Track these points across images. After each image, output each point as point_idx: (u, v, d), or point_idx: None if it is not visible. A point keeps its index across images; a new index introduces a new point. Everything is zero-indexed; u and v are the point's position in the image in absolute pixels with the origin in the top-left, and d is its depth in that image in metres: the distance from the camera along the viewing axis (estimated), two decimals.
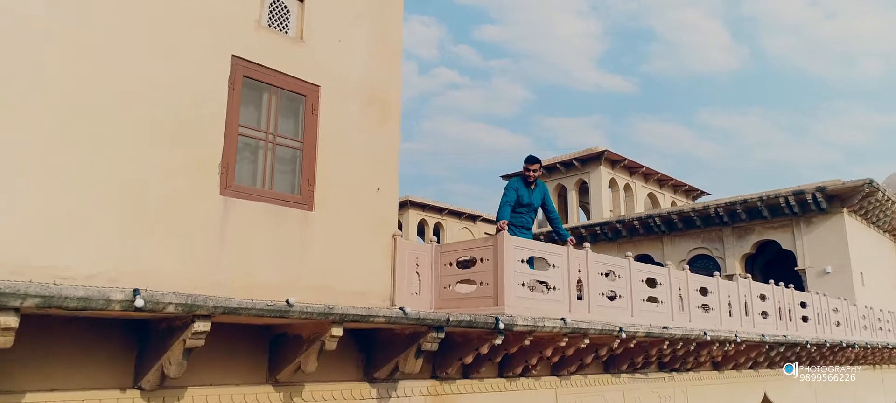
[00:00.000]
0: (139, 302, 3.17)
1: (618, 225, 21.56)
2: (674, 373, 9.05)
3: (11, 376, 3.54)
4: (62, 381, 3.76)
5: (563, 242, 6.29)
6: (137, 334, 4.09)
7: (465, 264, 5.91)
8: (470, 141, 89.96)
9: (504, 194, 6.59)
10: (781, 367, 11.84)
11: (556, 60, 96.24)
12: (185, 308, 3.40)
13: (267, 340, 4.70)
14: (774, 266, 20.04)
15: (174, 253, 4.50)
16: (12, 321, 2.94)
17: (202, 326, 3.55)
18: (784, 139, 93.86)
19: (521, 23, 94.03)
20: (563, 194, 26.20)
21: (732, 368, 10.28)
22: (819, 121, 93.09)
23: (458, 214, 30.16)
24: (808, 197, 17.82)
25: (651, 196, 27.40)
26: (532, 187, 6.66)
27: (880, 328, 15.30)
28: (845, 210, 17.98)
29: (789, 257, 18.96)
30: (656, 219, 21.04)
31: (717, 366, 9.93)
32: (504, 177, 27.11)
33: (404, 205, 27.05)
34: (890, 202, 19.15)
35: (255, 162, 5.21)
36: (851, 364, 15.21)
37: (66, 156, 4.13)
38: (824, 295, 12.61)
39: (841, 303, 13.13)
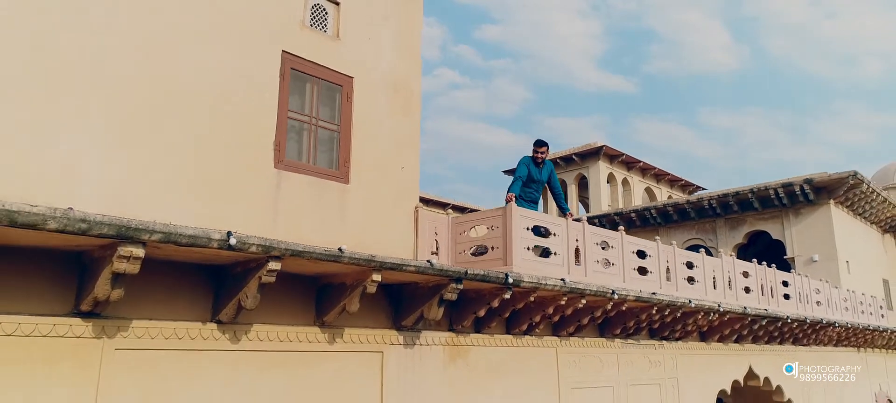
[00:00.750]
0: (233, 241, 4.06)
1: (615, 218, 22.44)
2: (664, 342, 9.95)
3: (125, 305, 4.43)
4: (160, 313, 4.66)
5: (565, 215, 7.20)
6: (213, 279, 4.99)
7: (478, 233, 6.82)
8: (471, 141, 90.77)
9: (516, 170, 7.54)
10: (765, 342, 12.75)
11: (556, 60, 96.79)
12: (264, 248, 4.30)
13: (314, 289, 5.60)
14: (765, 255, 20.87)
15: (238, 215, 5.39)
16: (140, 251, 3.84)
17: (275, 265, 4.45)
18: (785, 139, 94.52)
19: (521, 23, 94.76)
20: (563, 188, 27.11)
21: (718, 340, 11.19)
22: (820, 121, 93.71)
23: (461, 209, 31.01)
24: (797, 188, 18.74)
25: (648, 190, 28.33)
26: (540, 166, 7.60)
27: (862, 311, 16.19)
28: (832, 201, 18.89)
29: (779, 247, 19.86)
30: (652, 212, 21.94)
31: (703, 337, 10.84)
32: (506, 172, 28.08)
33: None
34: (874, 194, 20.06)
35: (300, 141, 6.12)
36: (834, 346, 16.15)
37: (156, 134, 5.04)
38: (806, 276, 13.50)
39: (822, 285, 14.03)
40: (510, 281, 6.02)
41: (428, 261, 5.36)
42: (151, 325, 4.61)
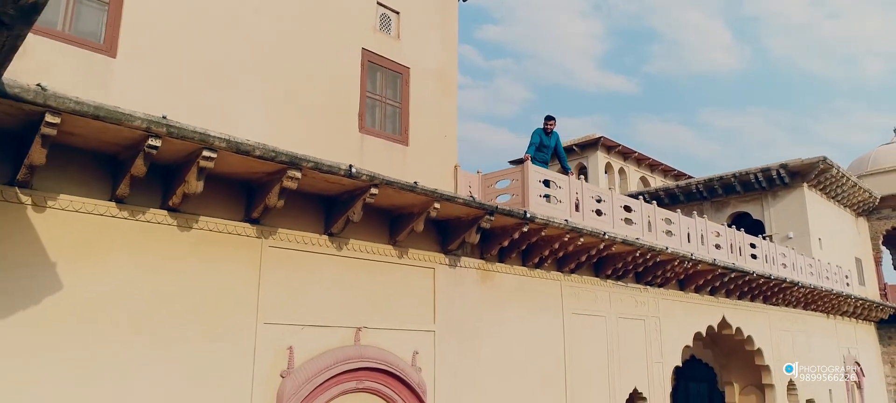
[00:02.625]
0: (353, 170, 6.27)
1: None
2: (648, 287, 12.18)
3: (274, 217, 6.64)
4: (294, 225, 6.88)
5: (567, 174, 9.43)
6: (324, 205, 7.20)
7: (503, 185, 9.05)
8: (472, 141, 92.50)
9: (531, 138, 9.82)
10: (736, 298, 14.97)
11: (557, 60, 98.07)
12: (370, 177, 6.52)
13: (388, 219, 7.81)
14: (747, 234, 23.18)
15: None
16: (298, 174, 6.05)
17: (375, 190, 6.66)
18: (786, 139, 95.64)
19: (522, 23, 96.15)
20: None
21: (694, 290, 13.41)
22: (821, 121, 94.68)
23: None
24: (774, 173, 20.95)
25: (643, 179, 30.54)
26: (549, 135, 9.86)
27: (827, 277, 18.40)
28: (805, 184, 21.10)
29: (760, 226, 22.04)
30: (646, 196, 24.05)
31: (682, 286, 13.06)
32: (511, 162, 30.28)
33: None
34: (845, 178, 22.26)
35: (374, 114, 8.36)
36: (804, 309, 18.35)
37: (290, 106, 7.26)
38: (771, 240, 15.72)
39: (787, 250, 16.26)
40: (527, 216, 8.25)
41: (471, 196, 7.58)
42: (289, 233, 6.84)
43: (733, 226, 15.98)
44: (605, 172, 28.90)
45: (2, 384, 4.83)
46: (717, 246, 13.13)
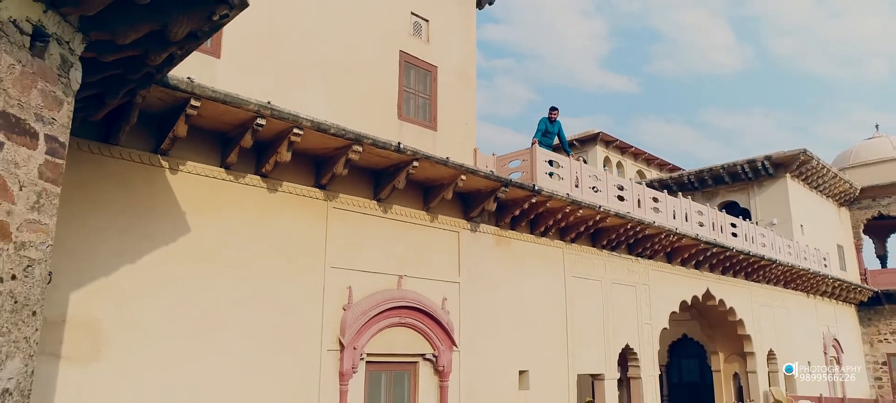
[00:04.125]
0: (401, 147, 8.02)
1: None
2: (638, 258, 13.93)
3: (335, 184, 8.39)
4: (350, 191, 8.64)
5: (568, 156, 11.18)
6: (373, 176, 8.94)
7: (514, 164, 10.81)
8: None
9: (538, 125, 11.61)
10: (719, 273, 16.71)
11: (559, 60, 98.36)
12: (413, 153, 8.27)
13: (423, 190, 9.56)
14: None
15: None
16: (360, 149, 7.80)
17: (416, 163, 8.41)
18: (787, 139, 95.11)
19: (524, 23, 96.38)
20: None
21: (680, 263, 15.17)
22: (823, 121, 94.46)
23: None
24: (759, 164, 22.69)
25: (640, 172, 32.26)
26: (553, 123, 11.63)
27: (805, 258, 20.14)
28: (788, 174, 22.84)
29: (747, 213, 23.78)
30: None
31: (669, 259, 14.82)
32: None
33: None
34: (825, 170, 24.00)
35: (409, 105, 10.11)
36: (784, 287, 20.09)
37: (347, 96, 9.01)
38: (750, 221, 17.45)
39: (766, 231, 18.02)
40: (536, 188, 10.01)
41: (491, 170, 9.34)
42: (347, 197, 8.59)
43: (724, 212, 17.73)
44: (604, 166, 30.63)
45: (154, 301, 6.59)
46: (700, 224, 14.87)
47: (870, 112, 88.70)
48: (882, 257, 30.38)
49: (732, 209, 24.92)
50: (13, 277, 3.64)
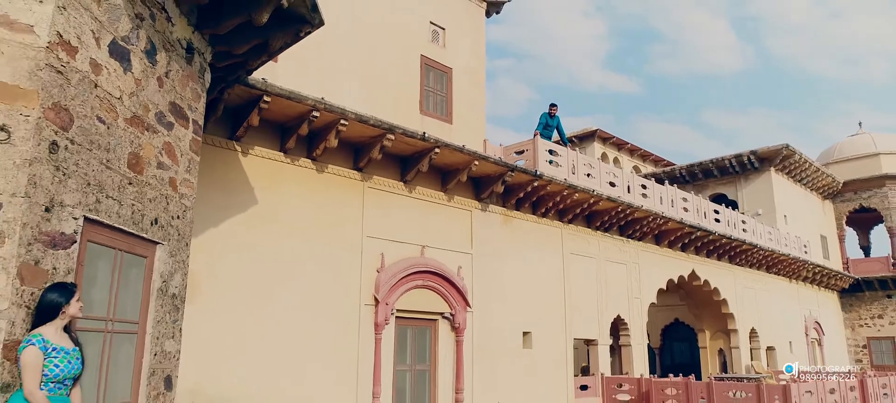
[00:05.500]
0: (426, 135, 9.64)
1: None
2: (629, 239, 15.56)
3: (369, 167, 10.02)
4: (380, 173, 10.27)
5: (566, 146, 12.81)
6: (400, 161, 10.57)
7: (519, 153, 12.46)
8: None
9: (540, 119, 13.23)
10: (704, 256, 18.33)
11: (560, 61, 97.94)
12: (436, 141, 9.89)
13: (441, 174, 11.18)
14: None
15: None
16: (393, 136, 9.43)
17: (438, 150, 10.03)
18: (788, 139, 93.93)
19: (525, 23, 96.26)
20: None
21: (668, 246, 16.79)
22: (824, 121, 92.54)
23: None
24: (745, 158, 24.30)
25: (636, 167, 33.89)
26: (553, 118, 13.27)
27: (785, 244, 21.75)
28: (772, 168, 24.45)
29: (735, 205, 25.40)
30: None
31: (657, 240, 16.44)
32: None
33: None
34: (807, 164, 25.61)
35: (429, 101, 11.73)
36: (766, 271, 21.71)
37: (379, 91, 10.65)
38: (731, 208, 19.09)
39: (748, 217, 19.64)
40: (538, 173, 11.64)
41: (499, 157, 10.98)
42: (379, 179, 10.23)
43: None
44: (601, 161, 32.27)
45: (232, 258, 8.22)
46: (685, 209, 16.49)
47: (870, 112, 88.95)
48: (866, 248, 31.98)
49: (721, 201, 26.50)
50: (178, 217, 5.28)
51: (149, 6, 4.74)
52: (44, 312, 3.43)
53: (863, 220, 30.87)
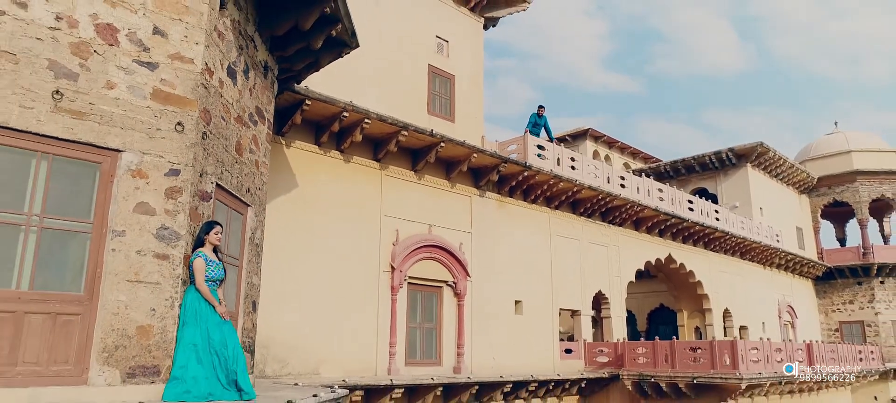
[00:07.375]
0: (434, 132, 11.69)
1: None
2: (610, 225, 17.62)
3: (385, 158, 12.09)
4: (395, 163, 12.33)
5: (552, 142, 14.89)
6: (411, 154, 12.63)
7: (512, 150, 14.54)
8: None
9: (529, 119, 15.30)
10: (680, 242, 20.38)
11: (562, 60, 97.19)
12: (442, 137, 11.95)
13: (445, 165, 13.24)
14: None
15: None
16: (407, 133, 11.49)
17: (444, 145, 12.09)
18: (789, 139, 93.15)
19: (527, 23, 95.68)
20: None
21: (646, 232, 18.85)
22: (825, 121, 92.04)
23: None
24: (724, 155, 26.35)
25: (626, 165, 35.93)
26: (541, 118, 15.35)
27: (758, 233, 23.80)
28: (749, 164, 26.50)
29: (715, 198, 27.44)
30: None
31: (636, 226, 18.50)
32: None
33: None
34: (782, 160, 27.65)
35: (435, 103, 13.80)
36: (741, 257, 23.75)
37: (394, 92, 12.72)
38: (705, 198, 21.15)
39: (720, 208, 21.70)
40: (527, 165, 13.72)
41: (495, 151, 13.06)
42: (394, 168, 12.29)
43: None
44: (593, 159, 34.32)
45: (278, 229, 10.28)
46: (661, 199, 18.55)
47: (872, 112, 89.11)
48: (841, 240, 34.03)
49: (702, 194, 28.55)
50: (259, 188, 7.34)
51: (245, 39, 6.81)
52: (199, 239, 5.49)
53: (838, 214, 32.91)
